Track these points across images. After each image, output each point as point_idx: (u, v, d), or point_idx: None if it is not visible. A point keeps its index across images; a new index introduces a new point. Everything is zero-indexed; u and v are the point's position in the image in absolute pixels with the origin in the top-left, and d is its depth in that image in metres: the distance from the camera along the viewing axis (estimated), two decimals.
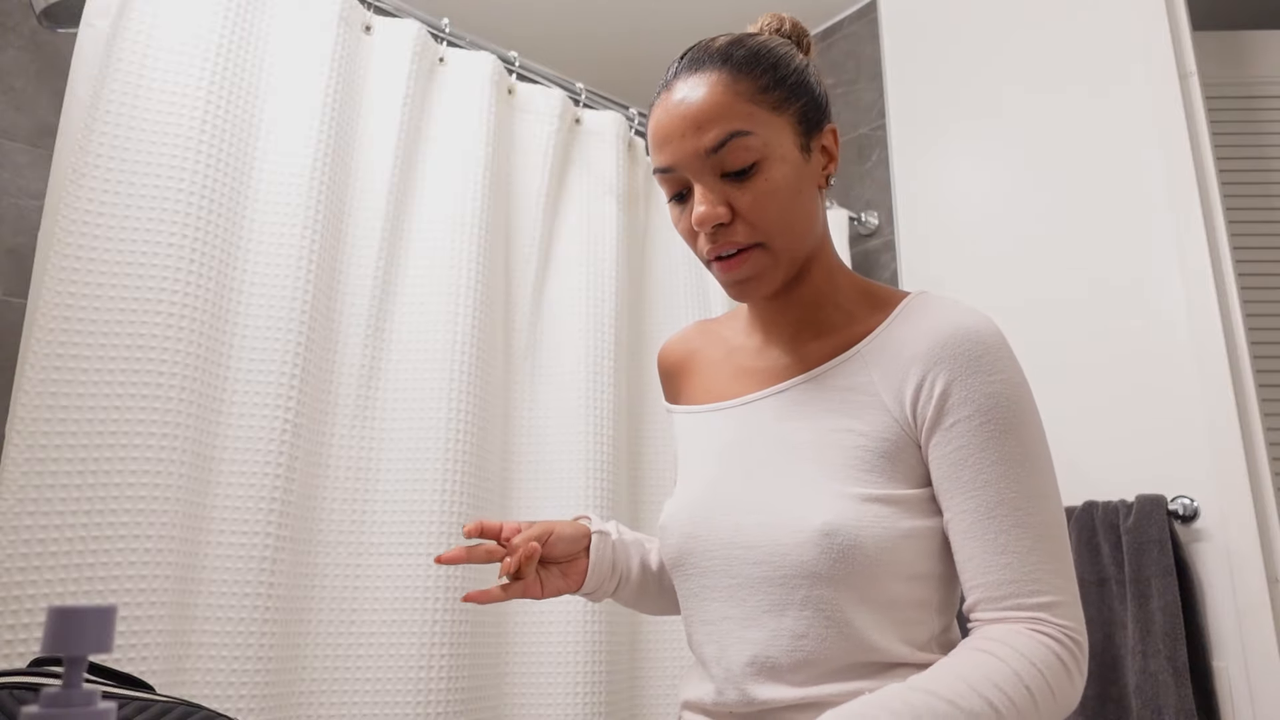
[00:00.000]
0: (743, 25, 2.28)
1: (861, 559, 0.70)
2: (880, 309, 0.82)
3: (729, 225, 0.75)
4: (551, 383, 1.56)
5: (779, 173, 0.75)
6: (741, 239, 0.75)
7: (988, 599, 0.71)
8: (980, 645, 0.69)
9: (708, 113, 0.74)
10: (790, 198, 0.76)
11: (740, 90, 0.75)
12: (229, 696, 1.08)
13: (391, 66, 1.45)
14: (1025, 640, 0.68)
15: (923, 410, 0.73)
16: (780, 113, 0.76)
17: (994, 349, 0.73)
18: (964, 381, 0.72)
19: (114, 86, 1.14)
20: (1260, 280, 1.62)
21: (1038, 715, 0.66)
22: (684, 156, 0.75)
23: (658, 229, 1.85)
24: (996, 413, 0.71)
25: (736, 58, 0.76)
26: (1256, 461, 1.33)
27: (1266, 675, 1.26)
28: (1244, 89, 1.74)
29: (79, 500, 1.03)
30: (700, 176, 0.75)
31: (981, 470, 0.71)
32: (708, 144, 0.74)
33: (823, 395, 0.79)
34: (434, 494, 1.31)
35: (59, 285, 1.06)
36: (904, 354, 0.76)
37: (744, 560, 0.76)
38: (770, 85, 0.76)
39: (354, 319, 1.34)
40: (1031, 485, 0.71)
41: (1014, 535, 0.70)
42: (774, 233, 0.76)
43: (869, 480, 0.73)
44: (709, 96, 0.75)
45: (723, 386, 0.89)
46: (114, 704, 0.37)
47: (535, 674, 1.40)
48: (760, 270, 0.77)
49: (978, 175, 1.79)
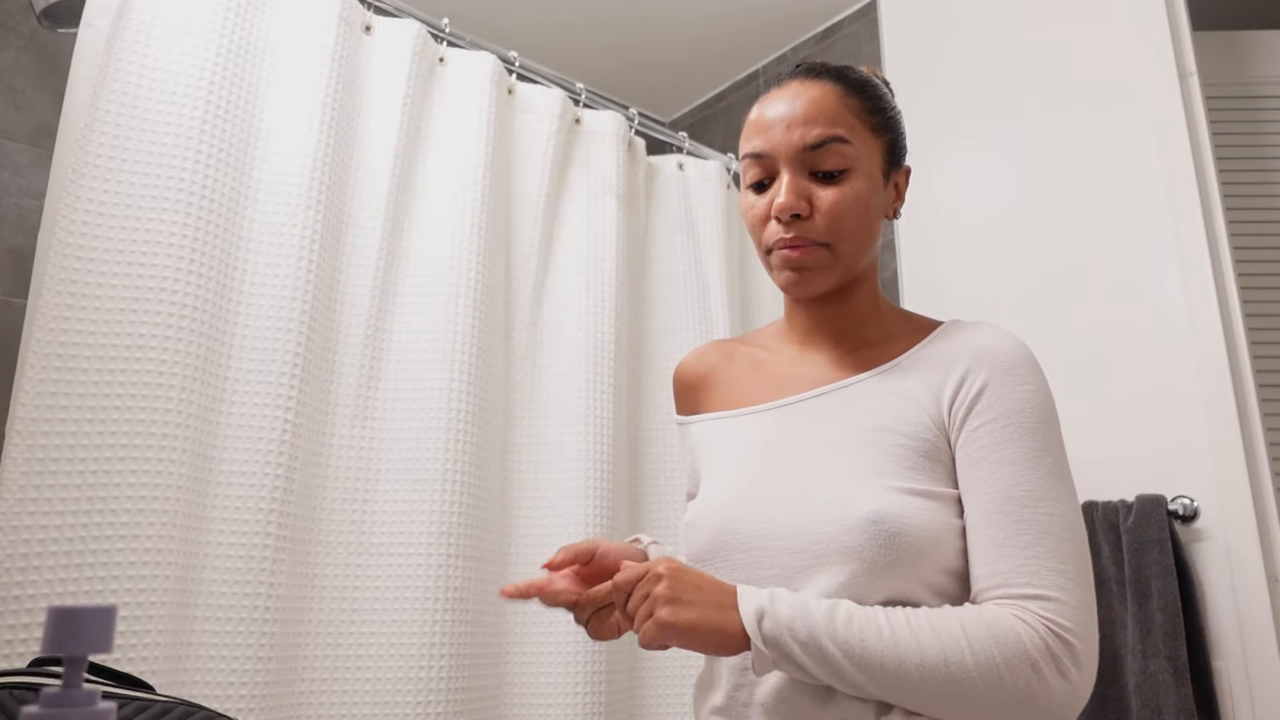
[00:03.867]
0: (743, 26, 2.27)
1: (907, 546, 0.72)
2: (918, 331, 0.86)
3: (806, 220, 0.80)
4: (552, 383, 1.56)
5: (862, 186, 0.81)
6: (813, 235, 0.80)
7: (984, 589, 0.72)
8: (955, 610, 0.70)
9: (817, 113, 0.80)
10: (864, 211, 0.81)
11: (850, 104, 0.82)
12: (229, 696, 1.08)
13: (391, 66, 1.45)
14: (997, 615, 0.68)
15: (958, 408, 0.77)
16: (876, 136, 0.83)
17: (1028, 363, 0.78)
18: (997, 385, 0.76)
19: (114, 86, 1.14)
20: (1260, 280, 1.62)
21: (974, 684, 0.65)
22: (783, 146, 0.81)
23: (658, 229, 1.85)
24: (1020, 417, 0.74)
25: (851, 77, 0.84)
26: (1256, 461, 1.33)
27: (1266, 675, 1.26)
28: (1244, 89, 1.73)
29: (79, 500, 1.03)
30: (791, 168, 0.81)
31: (997, 468, 0.73)
32: (810, 140, 0.80)
33: (862, 400, 0.81)
34: (434, 494, 1.31)
35: (59, 285, 1.06)
36: (945, 361, 0.80)
37: (782, 550, 0.76)
38: (874, 110, 0.84)
39: (354, 319, 1.34)
40: (1043, 486, 0.72)
41: (1015, 530, 0.71)
42: (842, 237, 0.80)
43: (910, 476, 0.75)
44: (821, 99, 0.81)
45: (753, 393, 0.90)
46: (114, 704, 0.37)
47: (535, 674, 1.40)
48: (820, 266, 0.81)
49: (977, 175, 1.79)
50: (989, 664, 0.65)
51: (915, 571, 0.72)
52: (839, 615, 0.68)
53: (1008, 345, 0.78)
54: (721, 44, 2.36)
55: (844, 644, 0.67)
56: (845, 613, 0.68)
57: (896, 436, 0.77)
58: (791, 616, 0.68)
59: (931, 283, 1.83)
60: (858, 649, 0.67)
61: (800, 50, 2.33)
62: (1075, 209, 1.60)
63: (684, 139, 1.98)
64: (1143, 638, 1.30)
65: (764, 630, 0.68)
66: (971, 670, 0.65)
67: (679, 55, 2.41)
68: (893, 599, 0.72)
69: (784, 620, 0.68)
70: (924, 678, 0.66)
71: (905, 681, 0.66)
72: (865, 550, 0.72)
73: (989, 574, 0.71)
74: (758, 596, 0.70)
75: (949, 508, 0.75)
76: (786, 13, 2.23)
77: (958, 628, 0.67)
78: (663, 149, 2.32)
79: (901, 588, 0.72)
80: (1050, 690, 0.66)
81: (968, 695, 0.66)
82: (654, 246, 1.84)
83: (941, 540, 0.73)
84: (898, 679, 0.66)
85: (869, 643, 0.67)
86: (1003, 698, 0.65)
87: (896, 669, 0.66)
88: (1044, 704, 0.66)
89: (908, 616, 0.69)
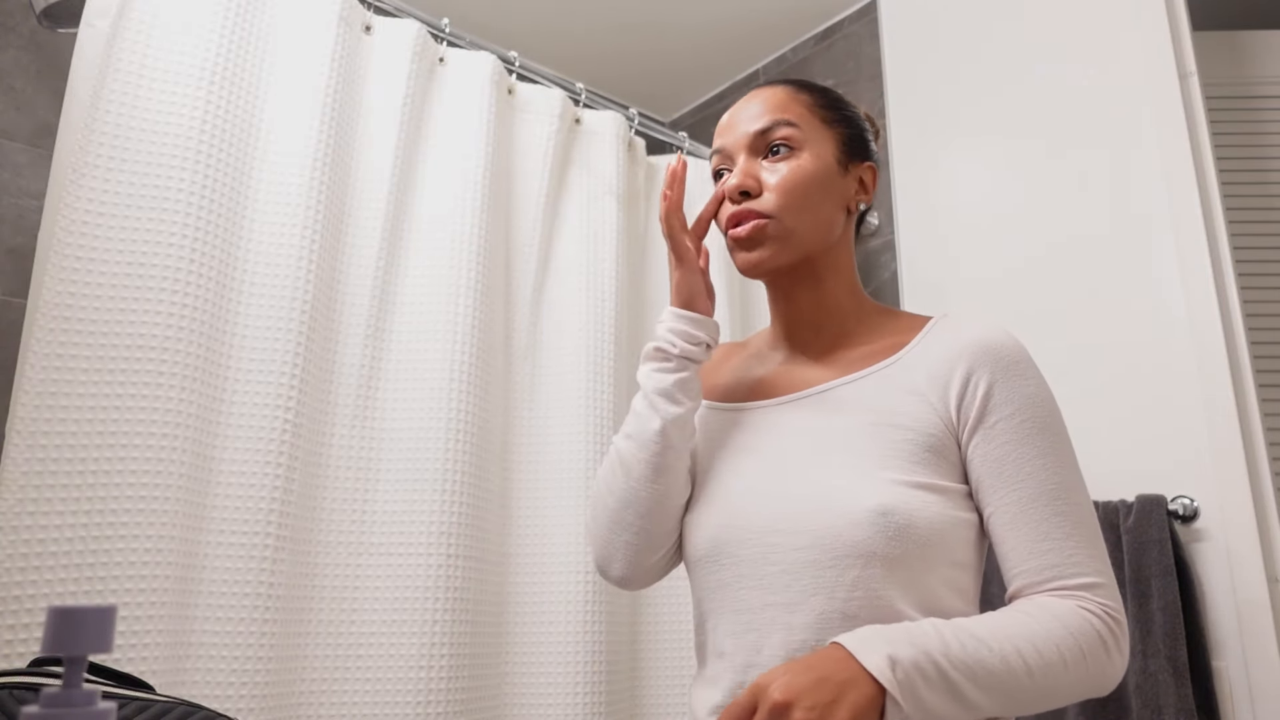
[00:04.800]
0: (743, 26, 2.27)
1: (916, 538, 0.72)
2: (908, 327, 0.87)
3: (755, 196, 0.84)
4: (552, 383, 1.56)
5: (809, 164, 0.84)
6: (760, 207, 0.83)
7: (1031, 584, 0.73)
8: (1020, 608, 0.72)
9: (768, 105, 0.87)
10: (814, 190, 0.84)
11: (799, 99, 0.88)
12: (229, 696, 1.08)
13: (391, 66, 1.45)
14: (1063, 607, 0.71)
15: (966, 408, 0.78)
16: (828, 127, 0.87)
17: (1026, 357, 0.80)
18: (1004, 384, 0.77)
19: (114, 86, 1.14)
20: (1260, 280, 1.62)
21: (1066, 676, 0.68)
22: (735, 137, 0.87)
23: (657, 229, 1.85)
24: (1033, 411, 0.76)
25: (806, 84, 0.90)
26: (1256, 461, 1.33)
27: (1266, 675, 1.26)
28: (1244, 89, 1.73)
29: (79, 500, 1.03)
30: (745, 154, 0.86)
31: (1022, 465, 0.75)
32: (759, 126, 0.85)
33: (864, 397, 0.82)
34: (434, 494, 1.31)
35: (59, 285, 1.06)
36: (947, 357, 0.80)
37: (787, 546, 0.76)
38: (825, 105, 0.89)
39: (354, 319, 1.34)
40: (1066, 478, 0.75)
41: (1054, 523, 0.73)
42: (790, 210, 0.83)
43: (916, 470, 0.76)
44: (774, 95, 0.88)
45: (747, 390, 0.91)
46: (114, 704, 0.37)
47: (535, 674, 1.40)
48: (767, 239, 0.83)
49: (977, 175, 1.79)
50: (1077, 661, 0.69)
51: (927, 565, 0.73)
52: (951, 641, 0.66)
53: (1006, 340, 0.80)
54: (721, 44, 2.36)
55: (963, 668, 0.65)
56: (955, 636, 0.66)
57: (900, 431, 0.78)
58: (915, 657, 0.64)
59: (931, 283, 1.83)
60: (979, 672, 0.65)
61: (800, 50, 2.33)
62: (1075, 209, 1.60)
63: (684, 139, 1.98)
64: (1143, 638, 1.30)
65: (899, 679, 0.63)
66: (1070, 672, 0.69)
67: (679, 55, 2.41)
68: (910, 595, 0.72)
69: (909, 662, 0.64)
70: (1027, 687, 0.67)
71: (1013, 697, 0.67)
72: (874, 544, 0.72)
73: (1037, 567, 0.73)
74: (877, 648, 0.64)
75: (956, 501, 0.76)
76: (786, 13, 2.23)
77: (1042, 633, 0.69)
78: (663, 149, 2.32)
79: (917, 582, 0.73)
80: (1115, 666, 0.72)
81: (1061, 693, 0.70)
82: (654, 246, 1.84)
83: (949, 533, 0.74)
84: (1006, 696, 0.67)
85: (984, 662, 0.66)
86: (1085, 683, 0.71)
87: (1012, 686, 0.66)
88: (1111, 679, 0.73)
89: (990, 629, 0.68)
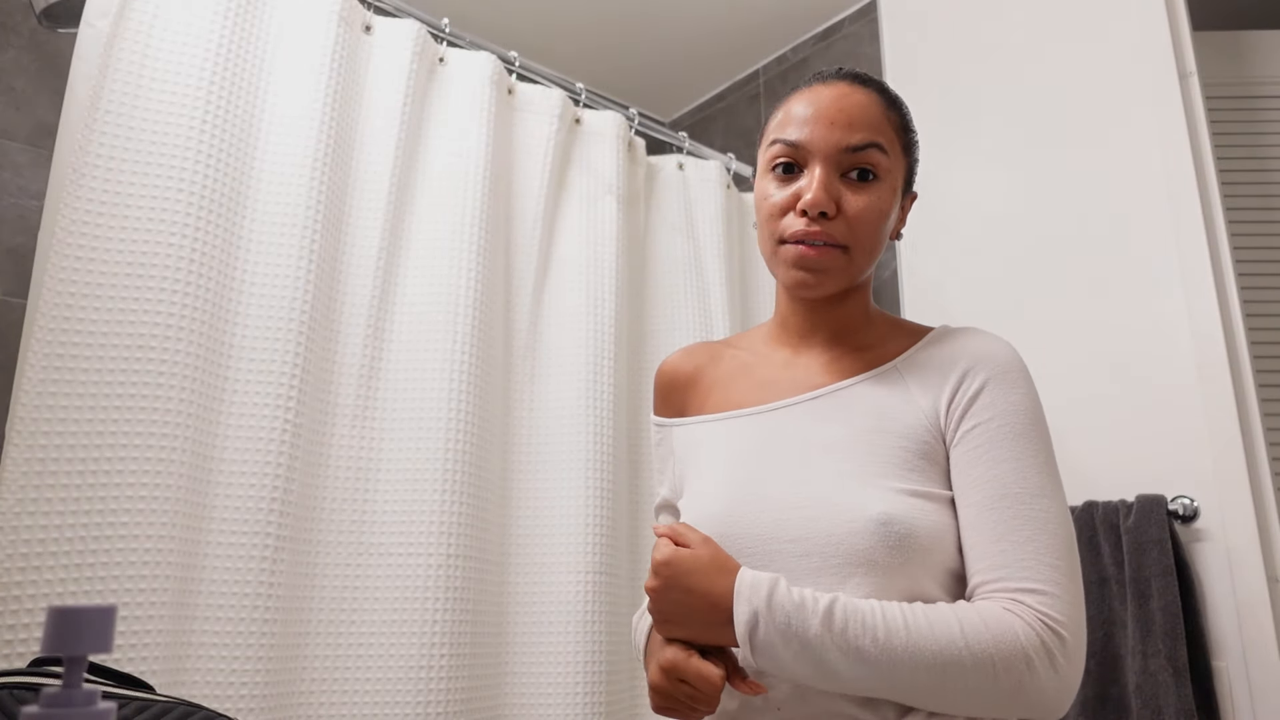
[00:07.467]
0: (743, 26, 2.27)
1: (917, 547, 0.72)
2: (910, 336, 0.87)
3: (831, 220, 0.80)
4: (551, 383, 1.56)
5: (887, 197, 0.82)
6: (835, 236, 0.81)
7: (979, 584, 0.72)
8: (951, 605, 0.71)
9: (864, 118, 0.81)
10: (881, 222, 0.82)
11: (890, 118, 0.84)
12: (229, 696, 1.08)
13: (391, 66, 1.45)
14: (990, 608, 0.69)
15: (954, 407, 0.78)
16: (904, 154, 0.86)
17: (1021, 368, 0.80)
18: (992, 388, 0.77)
19: (114, 86, 1.14)
20: (1260, 280, 1.62)
21: (966, 678, 0.66)
22: (821, 142, 0.81)
23: (657, 229, 1.85)
24: (1012, 419, 0.76)
25: (891, 95, 0.86)
26: (1256, 461, 1.33)
27: (1266, 675, 1.26)
28: (1244, 89, 1.73)
29: (79, 500, 1.03)
30: (827, 166, 0.81)
31: (991, 466, 0.74)
32: (853, 141, 0.81)
33: (859, 402, 0.82)
34: (434, 494, 1.31)
35: (59, 285, 1.06)
36: (942, 364, 0.81)
37: (788, 554, 0.76)
38: (907, 129, 0.87)
39: (354, 319, 1.34)
40: (1036, 483, 0.74)
41: (1012, 526, 0.72)
42: (859, 244, 0.81)
43: (911, 478, 0.76)
44: (870, 106, 0.82)
45: (744, 395, 0.90)
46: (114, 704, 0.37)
47: (535, 674, 1.40)
48: (833, 269, 0.82)
49: (977, 175, 1.79)
50: (984, 659, 0.66)
51: (926, 571, 0.73)
52: (835, 615, 0.68)
53: (1002, 349, 0.80)
54: (721, 44, 2.36)
55: (841, 644, 0.68)
56: (841, 612, 0.69)
57: (896, 438, 0.78)
58: (786, 622, 0.69)
59: (931, 283, 1.83)
60: (858, 647, 0.67)
61: (800, 50, 2.33)
62: (1075, 208, 1.60)
63: (684, 139, 1.98)
64: (1143, 638, 1.30)
65: (756, 641, 0.69)
66: (967, 665, 0.66)
67: (679, 55, 2.41)
68: (904, 596, 0.72)
69: (779, 623, 0.69)
70: (918, 671, 0.67)
71: (898, 677, 0.67)
72: (876, 553, 0.72)
73: (986, 568, 0.72)
74: (752, 600, 0.70)
75: (946, 509, 0.76)
76: (786, 13, 2.23)
77: (954, 623, 0.68)
78: (663, 149, 2.32)
79: (914, 588, 0.73)
80: (1041, 683, 0.67)
81: (961, 688, 0.67)
82: (654, 246, 1.84)
83: (943, 540, 0.74)
84: (891, 675, 0.67)
85: (869, 642, 0.67)
86: (996, 691, 0.67)
87: (890, 666, 0.67)
88: (1034, 696, 0.67)
89: (904, 612, 0.69)
